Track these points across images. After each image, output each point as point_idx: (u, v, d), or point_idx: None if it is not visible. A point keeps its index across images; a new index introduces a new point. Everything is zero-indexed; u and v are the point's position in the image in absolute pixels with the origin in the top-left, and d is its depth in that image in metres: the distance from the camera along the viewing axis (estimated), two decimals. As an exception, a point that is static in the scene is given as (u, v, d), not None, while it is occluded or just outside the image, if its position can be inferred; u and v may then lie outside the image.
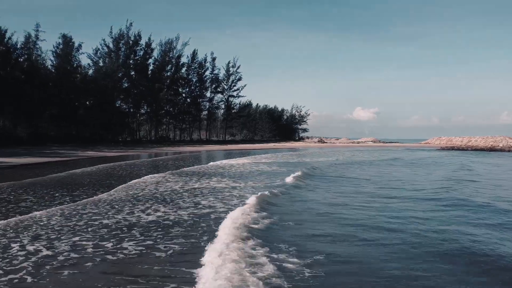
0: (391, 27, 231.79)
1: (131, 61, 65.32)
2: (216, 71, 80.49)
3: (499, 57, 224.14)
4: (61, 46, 54.84)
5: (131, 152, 41.28)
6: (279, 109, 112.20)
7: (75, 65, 56.66)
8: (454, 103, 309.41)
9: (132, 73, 66.62)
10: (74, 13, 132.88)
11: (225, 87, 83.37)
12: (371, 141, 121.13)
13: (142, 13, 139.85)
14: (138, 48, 65.64)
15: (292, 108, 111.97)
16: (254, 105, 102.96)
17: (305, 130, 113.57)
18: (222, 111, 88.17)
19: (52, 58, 55.05)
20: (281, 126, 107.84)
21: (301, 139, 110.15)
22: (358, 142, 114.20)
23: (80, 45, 56.18)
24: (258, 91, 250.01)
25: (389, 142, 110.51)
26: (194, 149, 54.30)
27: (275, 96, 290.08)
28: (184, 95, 76.36)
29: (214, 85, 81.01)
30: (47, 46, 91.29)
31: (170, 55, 70.12)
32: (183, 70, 74.73)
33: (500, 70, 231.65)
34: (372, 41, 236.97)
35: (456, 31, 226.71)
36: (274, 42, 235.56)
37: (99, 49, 62.37)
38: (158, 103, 66.97)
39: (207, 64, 78.48)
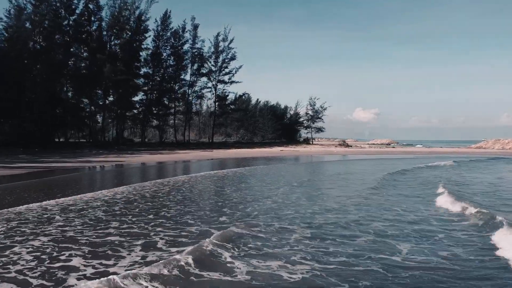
0: (391, 27, 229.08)
1: (64, 22, 42.77)
2: (199, 44, 56.39)
3: (499, 58, 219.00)
4: None
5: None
6: (282, 106, 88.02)
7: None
8: (454, 104, 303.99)
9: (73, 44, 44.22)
10: None
11: (213, 68, 59.07)
12: (388, 143, 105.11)
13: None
14: (75, 1, 43.01)
15: (296, 105, 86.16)
16: (253, 100, 79.98)
17: (320, 129, 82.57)
18: (212, 103, 65.24)
19: None
20: (286, 126, 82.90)
21: (306, 140, 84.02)
22: (374, 144, 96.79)
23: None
24: (256, 90, 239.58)
25: (408, 145, 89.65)
26: (150, 158, 31.95)
27: (274, 97, 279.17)
28: (158, 77, 53.24)
29: (196, 65, 56.96)
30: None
31: (127, 15, 46.75)
32: (149, 40, 51.25)
33: (500, 71, 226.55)
34: (372, 41, 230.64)
35: (456, 31, 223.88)
36: (274, 42, 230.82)
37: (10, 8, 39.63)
38: (106, 87, 44.31)
39: (186, 35, 54.79)
